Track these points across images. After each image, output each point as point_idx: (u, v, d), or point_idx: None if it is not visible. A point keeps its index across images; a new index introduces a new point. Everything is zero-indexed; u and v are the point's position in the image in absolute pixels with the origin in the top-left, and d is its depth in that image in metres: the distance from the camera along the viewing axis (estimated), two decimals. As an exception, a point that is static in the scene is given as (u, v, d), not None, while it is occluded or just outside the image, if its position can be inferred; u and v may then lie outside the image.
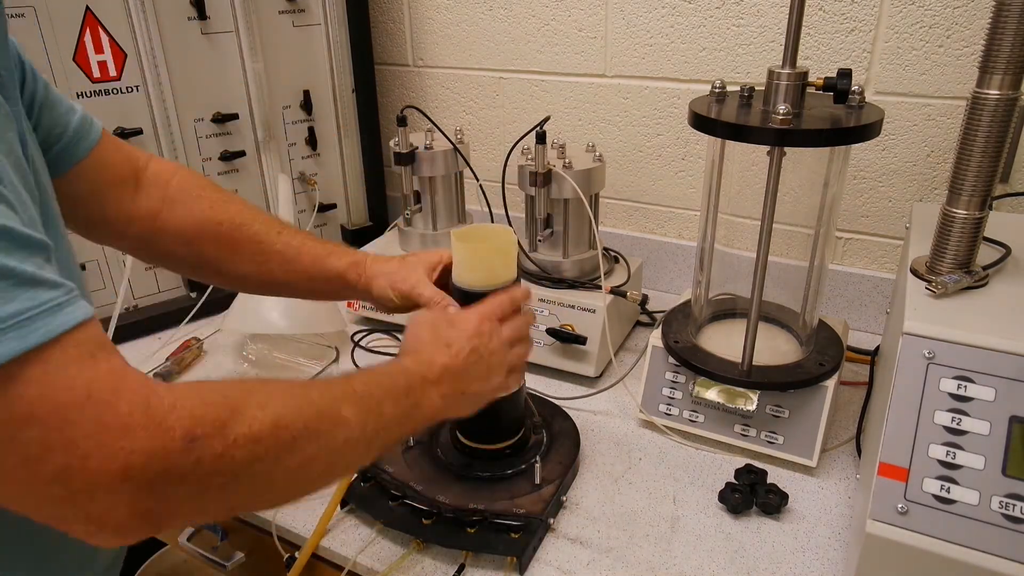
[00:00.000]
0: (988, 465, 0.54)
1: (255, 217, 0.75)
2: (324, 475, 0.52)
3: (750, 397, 0.81)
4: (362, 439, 0.52)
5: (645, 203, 1.23)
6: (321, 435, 0.48)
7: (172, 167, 0.75)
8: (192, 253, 0.74)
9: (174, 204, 0.72)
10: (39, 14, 0.94)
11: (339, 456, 0.51)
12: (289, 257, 0.74)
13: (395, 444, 0.57)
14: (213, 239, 0.73)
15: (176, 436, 0.40)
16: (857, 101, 0.72)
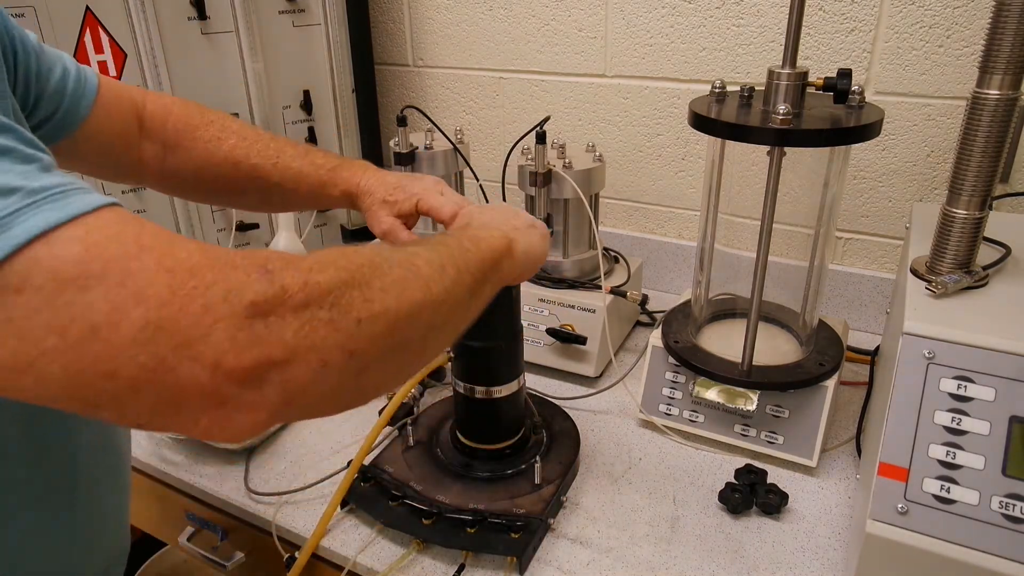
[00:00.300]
0: (988, 465, 0.54)
1: (250, 149, 0.75)
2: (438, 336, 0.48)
3: (750, 397, 0.81)
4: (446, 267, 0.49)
5: (645, 203, 1.23)
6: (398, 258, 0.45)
7: (163, 105, 0.74)
8: (201, 192, 0.77)
9: (174, 149, 0.73)
10: (39, 14, 0.94)
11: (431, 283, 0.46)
12: (288, 189, 0.76)
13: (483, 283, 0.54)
14: (214, 180, 0.75)
15: (251, 270, 0.36)
16: (857, 101, 0.72)
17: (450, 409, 0.88)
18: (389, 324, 0.41)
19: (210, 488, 0.82)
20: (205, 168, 0.74)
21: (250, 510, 0.79)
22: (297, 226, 1.23)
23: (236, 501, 0.80)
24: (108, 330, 0.32)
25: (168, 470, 0.85)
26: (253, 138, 0.75)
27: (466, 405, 0.79)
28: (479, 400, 0.77)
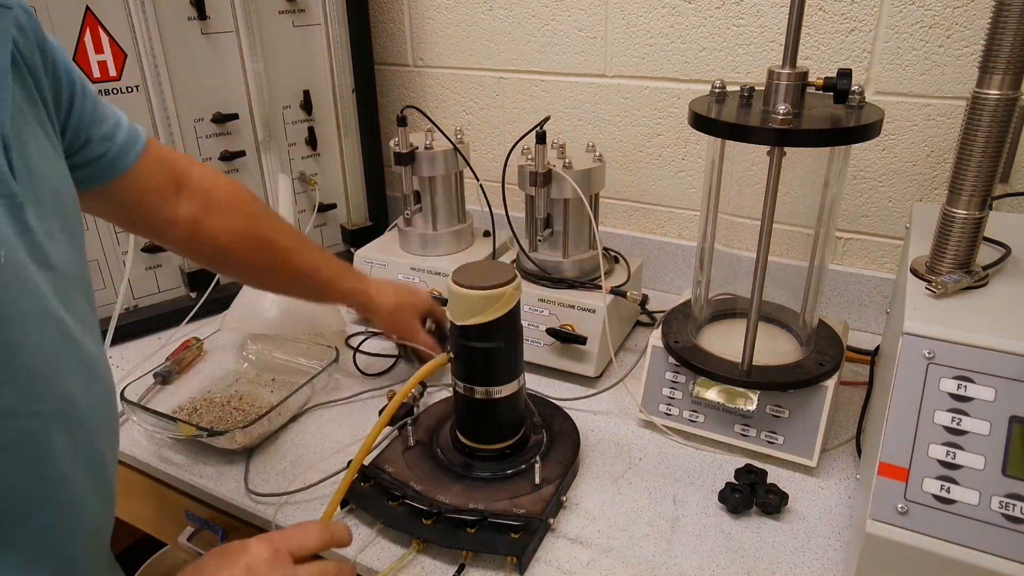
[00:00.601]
0: (988, 465, 0.54)
1: (283, 234, 0.84)
2: None
3: (750, 397, 0.81)
4: None
5: (645, 203, 1.23)
6: None
7: (212, 174, 0.79)
8: (222, 258, 0.81)
9: (217, 211, 0.78)
10: (39, 14, 0.93)
11: None
12: (307, 275, 0.86)
13: None
14: (242, 252, 0.80)
15: None
16: (857, 101, 0.72)
17: (450, 409, 0.88)
18: None
19: (210, 488, 0.82)
20: (239, 239, 0.79)
21: (250, 510, 0.79)
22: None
23: (236, 501, 0.80)
24: None
25: (168, 470, 0.85)
26: (285, 228, 0.85)
27: (466, 405, 0.79)
28: (479, 400, 0.77)
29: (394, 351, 1.06)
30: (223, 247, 0.79)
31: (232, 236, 0.79)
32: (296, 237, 0.86)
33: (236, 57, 1.13)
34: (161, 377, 0.98)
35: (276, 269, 0.84)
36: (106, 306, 1.07)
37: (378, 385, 1.00)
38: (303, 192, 1.28)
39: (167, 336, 1.12)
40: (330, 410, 0.95)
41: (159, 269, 1.15)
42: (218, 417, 0.91)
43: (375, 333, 1.11)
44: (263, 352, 1.05)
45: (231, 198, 0.80)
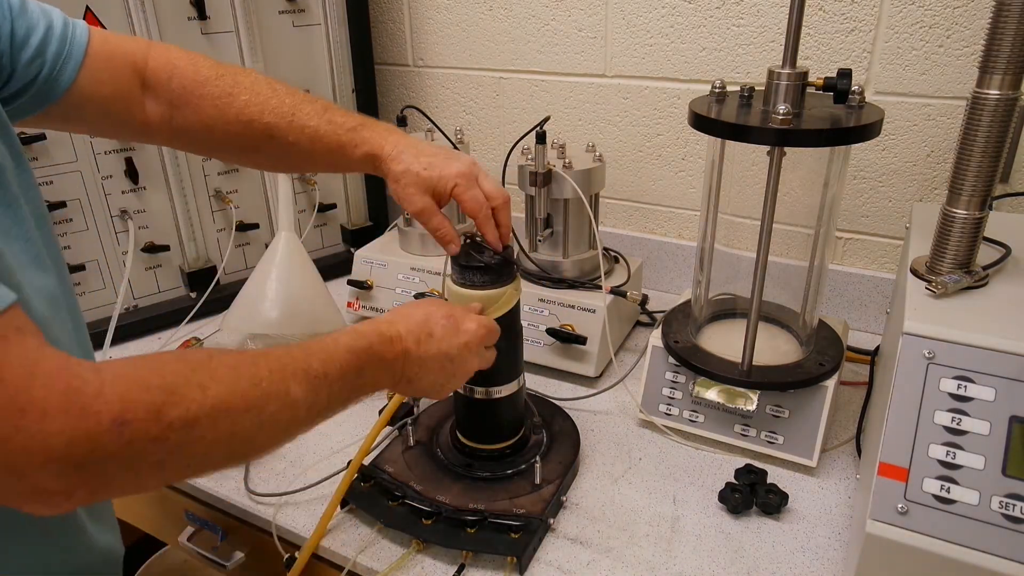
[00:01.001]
0: (988, 465, 0.54)
1: (264, 106, 0.70)
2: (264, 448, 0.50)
3: (750, 397, 0.81)
4: (307, 418, 0.52)
5: (645, 203, 1.23)
6: (264, 415, 0.47)
7: (168, 60, 0.69)
8: (213, 150, 0.74)
9: (181, 107, 0.69)
10: (39, 14, 0.94)
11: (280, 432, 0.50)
12: (304, 149, 0.72)
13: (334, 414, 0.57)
14: (225, 139, 0.71)
15: (103, 420, 0.38)
16: (857, 101, 0.72)
17: (450, 409, 0.88)
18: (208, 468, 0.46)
19: (210, 488, 0.82)
20: (215, 127, 0.70)
21: (250, 510, 0.79)
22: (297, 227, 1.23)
23: (236, 501, 0.80)
24: None
25: (168, 470, 0.85)
26: (267, 94, 0.71)
27: (466, 405, 0.79)
28: (479, 400, 0.77)
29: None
30: (205, 139, 0.71)
31: (206, 127, 0.70)
32: (283, 105, 0.71)
33: (236, 57, 1.13)
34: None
35: (267, 149, 0.72)
36: (106, 306, 1.07)
37: (378, 385, 1.00)
38: (303, 192, 1.28)
39: (167, 336, 1.12)
40: (330, 410, 0.95)
41: (159, 269, 1.15)
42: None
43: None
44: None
45: (192, 84, 0.69)
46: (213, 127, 0.70)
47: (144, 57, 0.69)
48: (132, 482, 0.42)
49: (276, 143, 0.71)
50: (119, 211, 1.08)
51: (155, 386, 0.41)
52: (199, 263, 1.17)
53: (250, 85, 0.71)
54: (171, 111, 0.69)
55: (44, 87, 0.60)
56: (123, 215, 1.08)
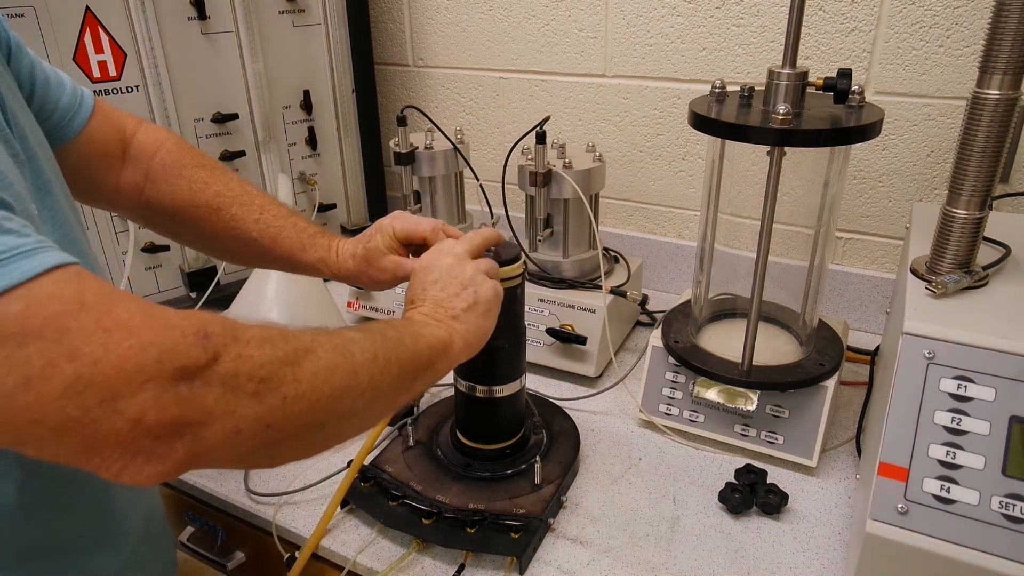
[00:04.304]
0: (988, 465, 0.54)
1: (234, 200, 0.74)
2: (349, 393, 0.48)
3: (750, 397, 0.81)
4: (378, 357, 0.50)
5: (645, 203, 1.23)
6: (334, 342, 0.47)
7: (157, 138, 0.73)
8: (175, 230, 0.75)
9: (156, 182, 0.72)
10: (39, 14, 0.94)
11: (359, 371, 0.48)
12: (265, 246, 0.74)
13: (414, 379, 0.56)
14: (191, 221, 0.73)
15: (188, 332, 0.38)
16: (857, 101, 0.72)
17: (450, 409, 0.88)
18: (311, 405, 0.44)
19: (210, 488, 0.82)
20: (184, 208, 0.73)
21: (250, 510, 0.79)
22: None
23: (236, 501, 0.80)
24: (40, 383, 0.34)
25: (168, 470, 0.85)
26: (239, 191, 0.74)
27: (467, 404, 0.79)
28: (480, 399, 0.77)
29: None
30: (170, 216, 0.73)
31: (175, 205, 0.72)
32: (252, 203, 0.74)
33: (236, 57, 1.13)
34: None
35: (228, 239, 0.74)
36: (106, 306, 1.07)
37: (378, 385, 0.99)
38: (303, 192, 1.28)
39: (167, 336, 1.11)
40: (330, 410, 0.95)
41: (159, 269, 1.15)
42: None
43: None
44: (263, 352, 1.05)
45: (174, 165, 0.73)
46: (183, 207, 0.73)
47: (134, 131, 0.73)
48: (230, 424, 0.39)
49: (238, 235, 0.74)
50: (119, 211, 1.08)
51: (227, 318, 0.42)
52: (199, 263, 1.17)
53: (226, 180, 0.75)
54: (145, 183, 0.72)
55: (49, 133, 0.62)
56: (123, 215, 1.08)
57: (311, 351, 0.45)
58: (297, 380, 0.43)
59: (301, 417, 0.43)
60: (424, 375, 0.57)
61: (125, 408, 0.35)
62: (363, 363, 0.48)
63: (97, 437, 0.35)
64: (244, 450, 0.41)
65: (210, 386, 0.38)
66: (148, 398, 0.36)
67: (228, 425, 0.39)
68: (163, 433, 0.37)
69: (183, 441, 0.37)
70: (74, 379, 0.34)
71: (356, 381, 0.48)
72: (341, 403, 0.47)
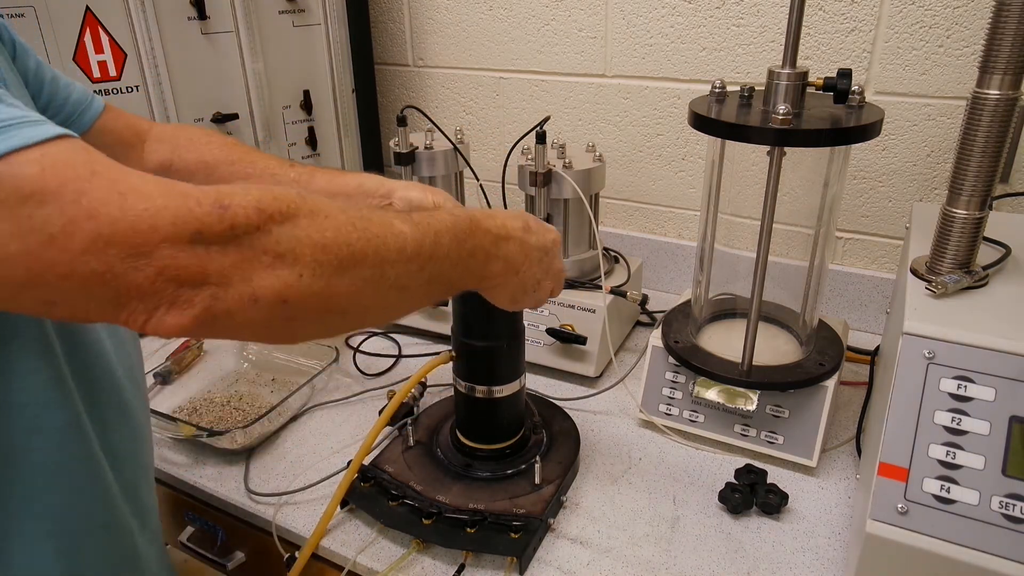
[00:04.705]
0: (988, 465, 0.54)
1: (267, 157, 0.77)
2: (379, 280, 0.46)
3: (750, 397, 0.81)
4: (415, 254, 0.48)
5: (645, 203, 1.23)
6: (370, 234, 0.45)
7: (178, 125, 0.78)
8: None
9: (184, 154, 0.74)
10: (39, 14, 0.94)
11: (391, 262, 0.46)
12: (303, 183, 0.76)
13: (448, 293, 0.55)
14: (227, 176, 0.74)
15: (204, 202, 0.38)
16: (857, 101, 0.72)
17: (450, 409, 0.88)
18: (328, 291, 0.43)
19: (210, 488, 0.82)
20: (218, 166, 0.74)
21: (250, 510, 0.79)
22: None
23: (236, 501, 0.80)
24: (64, 239, 0.36)
25: (168, 470, 0.85)
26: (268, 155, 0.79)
27: (467, 404, 0.79)
28: (480, 399, 0.77)
29: (394, 351, 1.06)
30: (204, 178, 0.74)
31: (207, 167, 0.74)
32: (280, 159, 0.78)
33: (236, 57, 1.13)
34: (161, 377, 0.98)
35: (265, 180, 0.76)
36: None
37: (378, 385, 1.00)
38: (303, 192, 1.28)
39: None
40: (330, 410, 0.95)
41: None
42: (218, 417, 0.91)
43: (375, 333, 1.11)
44: (263, 352, 1.05)
45: (200, 137, 0.76)
46: (216, 164, 0.74)
47: (149, 127, 0.76)
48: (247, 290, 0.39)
49: (278, 179, 0.75)
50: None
51: (252, 188, 0.41)
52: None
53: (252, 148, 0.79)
54: (172, 155, 0.74)
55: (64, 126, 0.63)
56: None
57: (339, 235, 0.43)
58: (316, 262, 0.42)
59: (319, 299, 0.43)
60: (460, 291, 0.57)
61: (145, 264, 0.37)
62: (396, 260, 0.47)
63: (122, 289, 0.37)
64: (261, 319, 0.41)
65: (225, 252, 0.39)
66: (166, 255, 0.37)
67: (245, 290, 0.40)
68: (183, 282, 0.38)
69: (203, 294, 0.38)
70: (95, 236, 0.36)
71: (381, 276, 0.46)
72: (363, 295, 0.46)
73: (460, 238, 0.53)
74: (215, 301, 0.39)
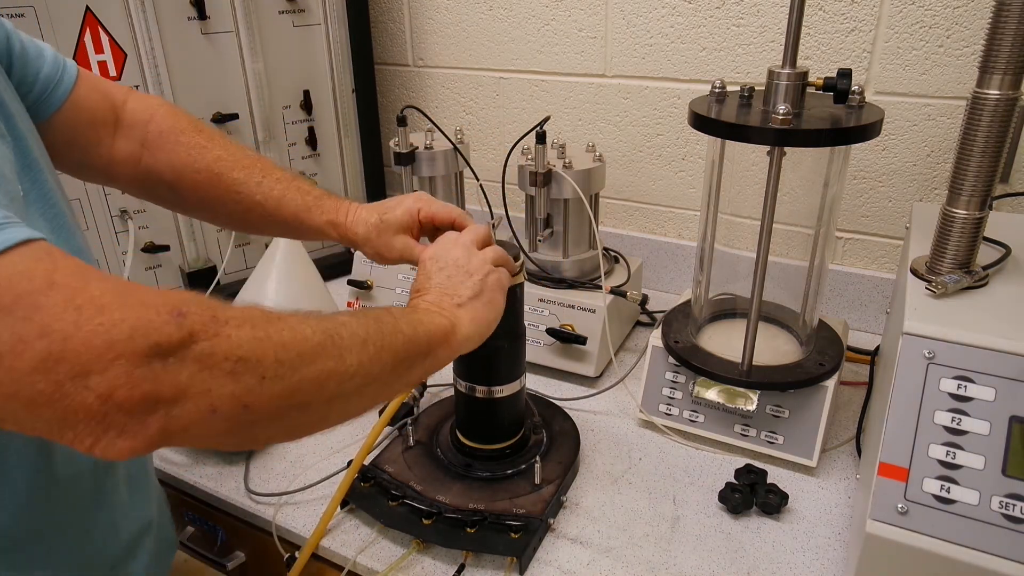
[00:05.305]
0: (988, 465, 0.54)
1: (235, 163, 0.72)
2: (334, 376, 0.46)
3: (750, 397, 0.81)
4: (368, 342, 0.49)
5: (645, 203, 1.23)
6: (323, 326, 0.46)
7: (148, 105, 0.72)
8: (175, 198, 0.74)
9: (153, 150, 0.71)
10: (39, 14, 0.94)
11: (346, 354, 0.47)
12: (269, 209, 0.73)
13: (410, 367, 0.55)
14: (192, 187, 0.72)
15: (162, 311, 0.37)
16: (857, 101, 0.72)
17: (450, 409, 0.88)
18: (291, 387, 0.43)
19: (210, 488, 0.82)
20: (184, 173, 0.71)
21: (250, 510, 0.79)
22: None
23: (236, 501, 0.80)
24: (11, 358, 0.34)
25: (168, 470, 0.85)
26: (240, 155, 0.73)
27: (467, 404, 0.79)
28: (480, 400, 0.77)
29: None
30: (170, 184, 0.71)
31: (175, 172, 0.71)
32: (254, 166, 0.73)
33: (236, 57, 1.13)
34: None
35: (231, 203, 0.73)
36: (106, 306, 1.07)
37: (378, 385, 1.00)
38: (303, 192, 1.28)
39: (167, 336, 1.11)
40: (330, 410, 0.95)
41: (159, 269, 1.15)
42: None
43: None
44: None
45: (170, 131, 0.71)
46: (182, 172, 0.71)
47: (124, 99, 0.71)
48: (205, 403, 0.39)
49: (242, 199, 0.72)
50: (119, 211, 1.08)
51: (204, 297, 0.41)
52: (199, 263, 1.17)
53: (225, 144, 0.73)
54: (141, 151, 0.71)
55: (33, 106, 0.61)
56: (123, 215, 1.08)
57: (295, 333, 0.44)
58: (279, 361, 0.42)
59: (281, 398, 0.42)
60: (422, 363, 0.56)
61: (96, 384, 0.35)
62: (351, 347, 0.48)
63: (69, 411, 0.35)
64: (221, 429, 0.40)
65: (184, 364, 0.38)
66: (119, 374, 0.35)
67: (203, 403, 0.39)
68: (135, 408, 0.36)
69: (155, 417, 0.37)
70: (45, 355, 0.34)
71: (343, 365, 0.47)
72: (326, 386, 0.46)
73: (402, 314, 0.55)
74: (170, 420, 0.38)
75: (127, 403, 0.36)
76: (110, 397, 0.35)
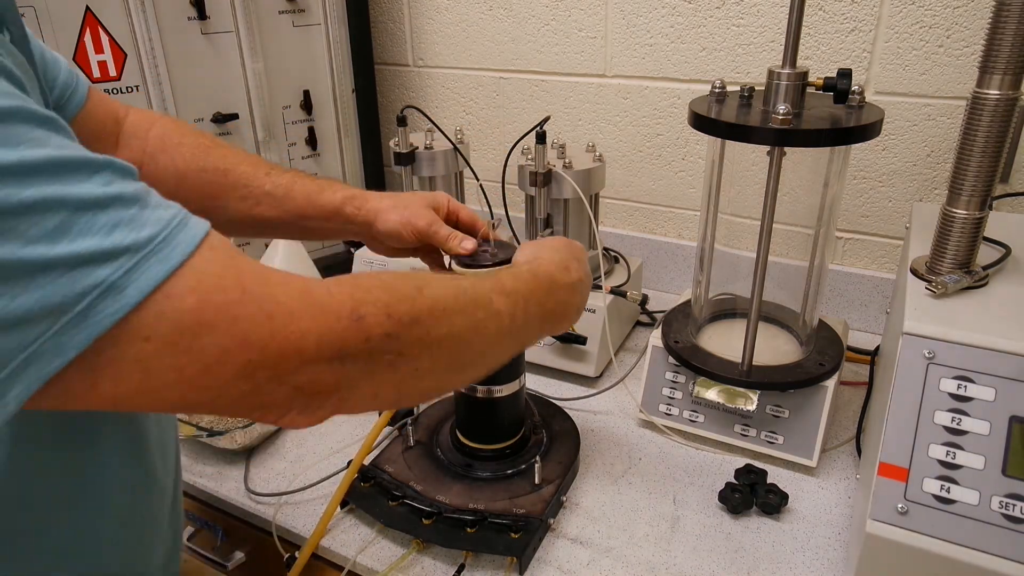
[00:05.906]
0: (988, 465, 0.54)
1: (241, 160, 0.73)
2: (477, 363, 0.53)
3: (750, 397, 0.81)
4: (511, 329, 0.54)
5: (645, 203, 1.23)
6: (475, 319, 0.50)
7: (150, 117, 0.72)
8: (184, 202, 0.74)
9: (155, 155, 0.71)
10: (39, 14, 0.94)
11: (491, 340, 0.53)
12: (279, 197, 0.72)
13: (531, 344, 0.63)
14: (196, 186, 0.71)
15: (342, 315, 0.41)
16: (857, 101, 0.72)
17: (450, 409, 0.88)
18: (439, 377, 0.49)
19: (210, 488, 0.82)
20: (188, 173, 0.71)
21: (250, 510, 0.79)
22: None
23: (236, 501, 0.80)
24: (218, 368, 0.38)
25: (168, 470, 0.85)
26: (244, 155, 0.74)
27: (466, 405, 0.79)
28: (480, 400, 0.77)
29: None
30: (174, 188, 0.70)
31: (178, 175, 0.71)
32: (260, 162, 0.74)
33: (236, 57, 1.13)
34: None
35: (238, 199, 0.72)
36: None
37: (378, 385, 1.00)
38: (303, 192, 1.28)
39: (167, 336, 1.11)
40: (330, 410, 0.95)
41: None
42: (218, 417, 0.91)
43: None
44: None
45: (172, 134, 0.72)
46: (186, 174, 0.71)
47: (125, 113, 0.72)
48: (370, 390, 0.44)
49: (250, 192, 0.72)
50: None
51: (376, 287, 0.44)
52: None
53: (227, 146, 0.74)
54: (143, 159, 0.71)
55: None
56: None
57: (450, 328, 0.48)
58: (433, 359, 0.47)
59: (428, 382, 0.48)
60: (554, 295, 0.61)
61: (289, 381, 0.40)
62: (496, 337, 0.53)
63: (265, 402, 0.41)
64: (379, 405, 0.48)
65: (358, 362, 0.42)
66: (309, 373, 0.41)
67: (368, 391, 0.44)
68: (317, 394, 0.42)
69: (331, 401, 0.43)
70: (246, 363, 0.38)
71: (483, 359, 0.53)
72: (465, 373, 0.53)
73: (541, 297, 0.59)
74: (341, 403, 0.43)
75: (312, 394, 0.42)
76: (300, 391, 0.41)
